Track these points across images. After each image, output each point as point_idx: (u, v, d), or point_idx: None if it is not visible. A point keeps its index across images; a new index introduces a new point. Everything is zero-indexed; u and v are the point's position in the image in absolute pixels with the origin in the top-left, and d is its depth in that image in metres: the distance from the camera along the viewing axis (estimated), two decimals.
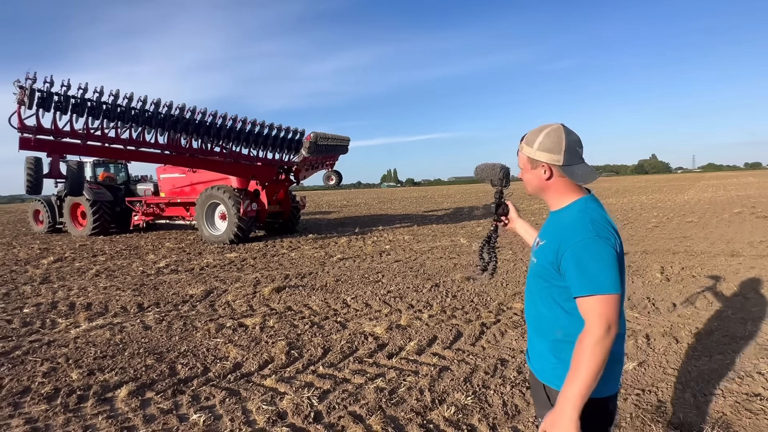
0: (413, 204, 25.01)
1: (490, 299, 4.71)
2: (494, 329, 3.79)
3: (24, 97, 6.40)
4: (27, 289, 5.84)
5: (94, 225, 11.81)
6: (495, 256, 1.66)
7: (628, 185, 37.99)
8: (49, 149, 7.07)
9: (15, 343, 3.78)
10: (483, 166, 1.61)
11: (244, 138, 9.06)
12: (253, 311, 4.58)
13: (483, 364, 3.10)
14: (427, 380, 2.88)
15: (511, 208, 1.63)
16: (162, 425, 2.44)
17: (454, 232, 10.74)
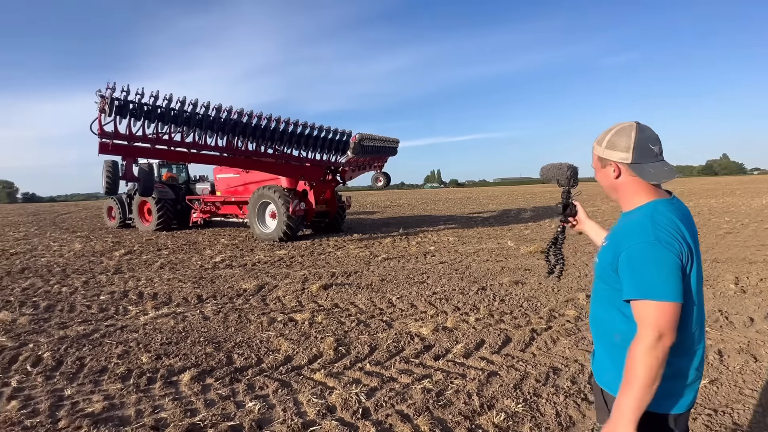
0: (457, 205, 24.64)
1: (541, 305, 4.54)
2: (545, 336, 3.65)
3: (105, 105, 6.95)
4: (102, 278, 6.44)
5: (158, 221, 12.77)
6: (562, 258, 1.64)
7: (695, 187, 34.94)
8: (124, 153, 7.69)
9: (94, 326, 4.19)
10: (549, 166, 1.59)
11: (295, 140, 9.38)
12: (302, 307, 4.73)
13: (534, 372, 3.00)
14: (475, 384, 2.83)
15: (580, 209, 1.58)
16: (221, 410, 2.59)
17: (500, 235, 10.45)
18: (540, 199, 27.29)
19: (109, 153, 7.46)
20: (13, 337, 3.89)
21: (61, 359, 3.37)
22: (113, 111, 7.00)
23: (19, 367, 3.27)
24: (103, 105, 6.99)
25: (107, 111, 6.98)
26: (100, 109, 7.05)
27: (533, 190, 50.47)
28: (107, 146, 7.33)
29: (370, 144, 11.34)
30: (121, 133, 7.37)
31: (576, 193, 1.58)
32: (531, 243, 8.83)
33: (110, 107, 6.92)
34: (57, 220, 20.01)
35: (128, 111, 7.20)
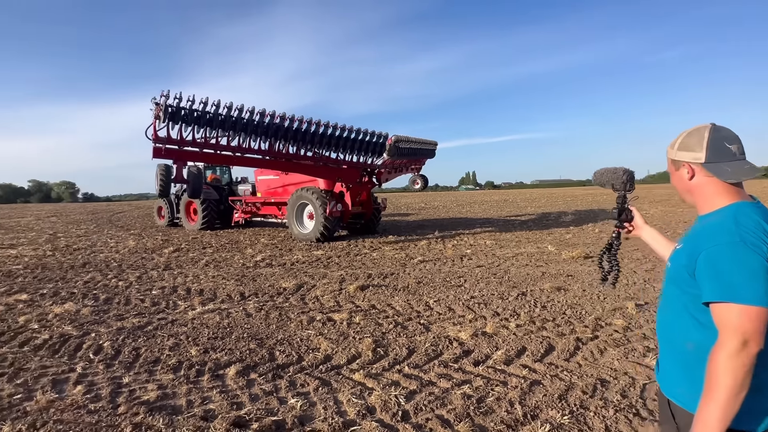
0: (494, 208, 24.10)
1: (586, 313, 4.35)
2: (591, 346, 3.49)
3: (159, 112, 7.35)
4: (154, 274, 6.84)
5: (203, 221, 13.40)
6: (617, 264, 1.60)
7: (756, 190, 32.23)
8: (175, 157, 8.11)
9: (147, 319, 4.45)
10: (603, 170, 1.57)
11: (333, 142, 9.52)
12: (340, 307, 4.80)
13: (580, 383, 2.87)
14: (517, 392, 2.76)
15: (636, 215, 1.54)
16: (265, 405, 2.68)
17: (540, 239, 10.12)
18: (581, 202, 26.18)
19: (161, 157, 7.88)
20: (77, 327, 4.22)
21: (119, 349, 3.61)
22: (167, 117, 7.36)
23: (83, 354, 3.53)
24: (157, 112, 7.37)
25: (161, 117, 7.35)
26: (155, 115, 7.44)
27: (574, 193, 48.49)
28: (160, 151, 7.73)
29: (406, 146, 11.32)
30: (172, 138, 7.76)
31: (632, 198, 1.53)
32: (573, 248, 8.48)
33: (164, 114, 7.28)
34: (113, 218, 21.48)
35: (180, 117, 7.54)
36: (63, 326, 4.23)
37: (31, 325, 4.31)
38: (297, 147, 9.17)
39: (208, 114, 7.76)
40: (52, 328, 4.17)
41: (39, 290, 5.85)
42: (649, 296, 4.96)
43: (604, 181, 1.56)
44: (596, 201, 27.24)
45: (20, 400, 2.77)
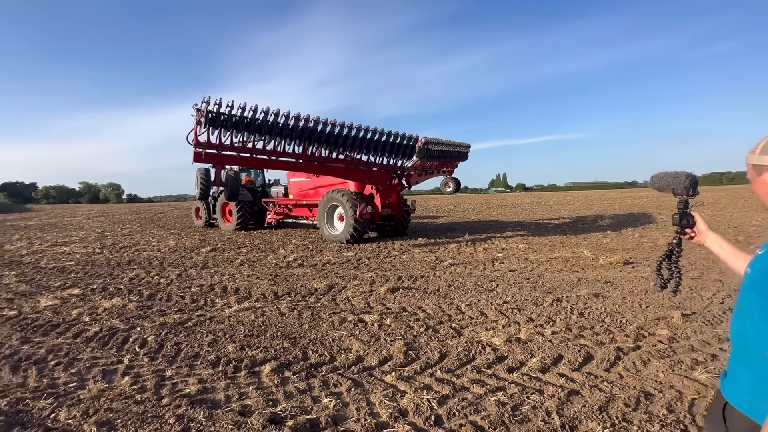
0: (525, 210, 23.51)
1: (626, 322, 4.16)
2: (633, 356, 3.34)
3: (201, 118, 7.63)
4: (192, 272, 7.13)
5: (237, 221, 13.85)
6: (678, 272, 1.57)
7: None
8: (215, 161, 8.40)
9: (187, 315, 4.65)
10: (663, 174, 1.54)
11: (365, 145, 9.58)
12: (371, 309, 4.83)
13: (622, 395, 2.75)
14: (554, 402, 2.67)
15: (699, 220, 1.50)
16: (299, 403, 2.73)
17: (575, 243, 9.78)
18: (620, 206, 25.09)
19: (201, 161, 8.18)
20: (124, 321, 4.46)
21: (162, 343, 3.79)
22: (207, 123, 7.60)
23: (130, 347, 3.73)
24: (199, 117, 7.64)
25: (202, 123, 7.60)
26: (196, 121, 7.71)
27: (611, 196, 46.54)
28: (201, 155, 8.02)
29: (437, 148, 11.25)
30: (212, 143, 8.02)
31: (694, 204, 1.47)
32: (611, 253, 8.14)
33: (205, 119, 7.53)
34: (154, 218, 22.59)
35: (219, 122, 7.77)
36: (111, 320, 4.49)
37: (83, 318, 4.60)
38: (329, 150, 9.28)
39: (245, 119, 7.96)
40: (101, 322, 4.43)
41: (89, 285, 6.23)
42: (696, 306, 4.68)
43: (664, 185, 1.53)
44: (636, 204, 26.02)
45: (74, 388, 2.96)
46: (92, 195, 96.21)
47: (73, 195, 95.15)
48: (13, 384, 3.03)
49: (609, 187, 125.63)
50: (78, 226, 18.16)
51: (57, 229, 16.76)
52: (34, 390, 2.92)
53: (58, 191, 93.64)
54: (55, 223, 19.86)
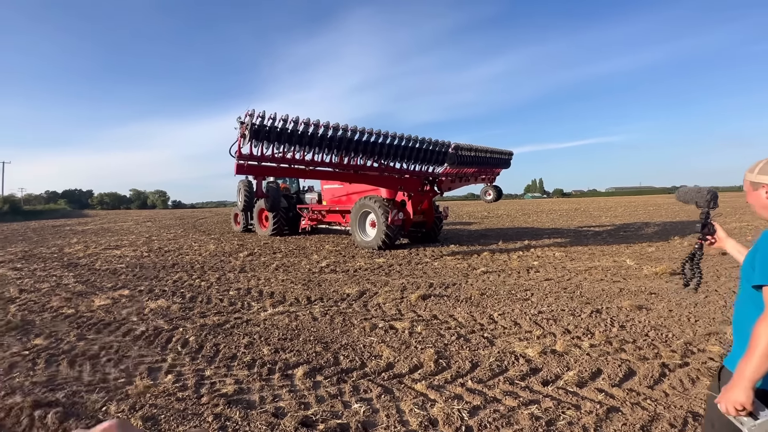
0: (563, 217, 22.69)
1: (673, 336, 3.92)
2: (680, 373, 3.14)
3: (245, 130, 7.72)
4: (231, 276, 7.42)
5: (273, 227, 14.28)
6: (699, 272, 1.83)
7: None
8: (256, 173, 8.51)
9: (225, 318, 4.84)
10: (687, 189, 1.84)
11: (399, 153, 9.52)
12: (402, 316, 4.83)
13: (667, 414, 2.60)
14: (591, 418, 2.57)
15: (719, 229, 1.76)
16: (330, 407, 2.78)
17: (617, 252, 9.33)
18: (666, 212, 23.69)
19: (244, 173, 8.32)
20: (167, 321, 4.71)
21: (202, 344, 3.97)
22: (251, 136, 7.68)
23: (173, 347, 3.94)
24: (243, 130, 7.76)
25: (247, 135, 7.69)
26: (240, 134, 7.83)
27: (656, 201, 44.07)
28: (242, 167, 8.14)
29: (469, 154, 11.08)
30: (254, 155, 8.14)
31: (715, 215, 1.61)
32: (657, 263, 7.71)
33: (249, 132, 7.64)
34: (196, 224, 23.72)
35: (263, 135, 7.84)
36: (156, 320, 4.76)
37: (132, 317, 4.90)
38: (364, 158, 9.31)
39: (286, 130, 8.02)
40: (147, 322, 4.70)
41: (137, 287, 6.63)
42: None
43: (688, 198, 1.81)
44: (684, 211, 24.47)
45: (123, 383, 3.17)
46: (141, 201, 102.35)
47: (124, 201, 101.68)
48: (70, 377, 3.28)
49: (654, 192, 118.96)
50: (128, 230, 19.38)
51: (110, 233, 17.97)
52: (88, 384, 3.15)
53: (111, 198, 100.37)
54: (108, 228, 21.30)
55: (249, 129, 7.57)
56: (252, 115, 7.60)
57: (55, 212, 47.49)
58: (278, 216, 14.17)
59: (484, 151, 11.21)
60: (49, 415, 2.66)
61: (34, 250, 11.86)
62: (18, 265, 9.22)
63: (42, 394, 2.96)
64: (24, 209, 43.72)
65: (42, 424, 2.59)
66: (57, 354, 3.77)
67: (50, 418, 2.63)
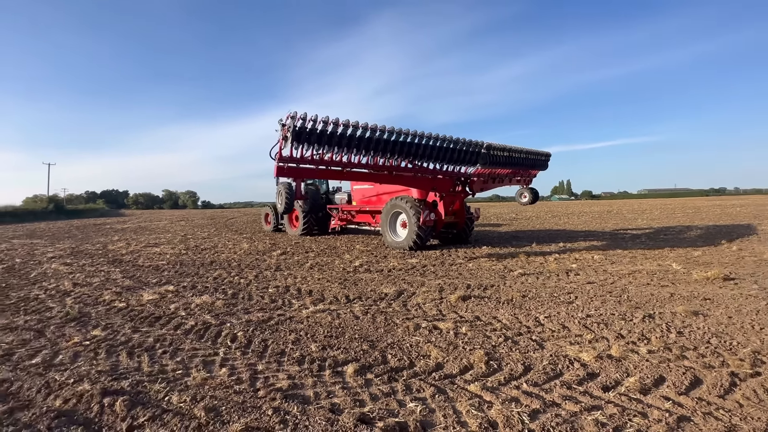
0: (596, 219, 21.98)
1: (738, 344, 3.70)
2: (752, 383, 2.96)
3: (287, 133, 7.69)
4: (267, 274, 7.56)
5: (303, 227, 14.49)
6: None
7: None
8: (295, 175, 8.55)
9: (269, 314, 4.93)
10: None
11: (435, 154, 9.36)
12: (443, 316, 4.78)
13: (745, 426, 2.45)
14: (661, 427, 2.45)
15: None
16: (385, 405, 2.77)
17: (660, 255, 8.94)
18: (708, 215, 22.55)
19: (284, 175, 8.36)
20: (214, 316, 4.84)
21: (250, 339, 4.05)
22: (294, 138, 7.63)
23: (222, 341, 4.04)
24: (284, 133, 7.73)
25: (289, 138, 7.64)
26: (282, 136, 7.81)
27: (695, 204, 42.09)
28: (283, 169, 8.18)
29: (501, 154, 10.87)
30: (294, 157, 8.13)
31: None
32: (706, 267, 7.34)
33: (292, 134, 7.59)
34: (227, 223, 24.37)
35: (304, 137, 7.79)
36: (203, 315, 4.90)
37: (180, 312, 5.06)
38: (399, 159, 9.23)
39: (326, 132, 7.94)
40: (195, 316, 4.84)
41: (180, 283, 6.85)
42: None
43: None
44: (727, 214, 23.24)
45: (181, 375, 3.26)
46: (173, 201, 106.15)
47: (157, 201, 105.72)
48: (131, 367, 3.41)
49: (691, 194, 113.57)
50: (164, 229, 20.11)
51: (147, 231, 18.69)
52: (148, 374, 3.26)
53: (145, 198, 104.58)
54: (145, 227, 22.18)
55: (291, 131, 7.56)
56: (294, 117, 7.58)
57: (95, 211, 49.93)
58: (308, 216, 14.36)
59: (518, 151, 10.97)
60: (117, 402, 2.77)
61: (80, 247, 12.48)
62: (68, 260, 9.71)
63: (108, 382, 3.09)
64: (67, 208, 46.11)
65: (111, 411, 2.70)
66: (115, 345, 3.93)
67: (118, 406, 2.73)
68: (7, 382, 3.14)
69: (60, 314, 5.02)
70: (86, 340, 4.07)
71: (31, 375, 3.26)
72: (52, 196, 52.71)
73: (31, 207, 41.10)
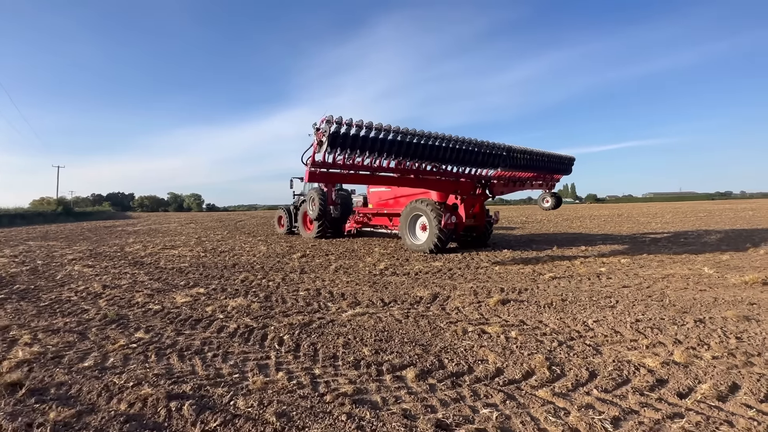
0: (609, 223, 21.83)
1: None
2: None
3: (323, 137, 7.40)
4: (294, 277, 7.50)
5: (318, 229, 14.44)
6: None
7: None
8: (325, 180, 8.33)
9: (309, 318, 4.86)
10: None
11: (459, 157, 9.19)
12: (487, 320, 4.70)
13: None
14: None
15: None
16: (458, 411, 2.70)
17: (688, 259, 8.83)
18: (723, 219, 22.34)
19: (316, 180, 8.17)
20: (254, 319, 4.78)
21: (298, 343, 3.99)
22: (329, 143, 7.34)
23: (270, 344, 3.98)
24: (320, 137, 7.43)
25: (325, 142, 7.35)
26: (317, 141, 7.51)
27: (705, 207, 41.79)
28: (315, 174, 7.95)
29: (522, 157, 10.78)
30: (327, 162, 7.91)
31: None
32: (740, 271, 7.23)
33: (328, 139, 7.32)
34: (238, 225, 24.38)
35: (339, 142, 7.53)
36: (242, 318, 4.84)
37: (218, 315, 5.01)
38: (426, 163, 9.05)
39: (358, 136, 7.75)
40: (235, 319, 4.79)
41: (209, 285, 6.81)
42: None
43: None
44: (741, 217, 23.03)
45: (238, 378, 3.20)
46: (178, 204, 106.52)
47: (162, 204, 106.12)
48: (186, 371, 3.35)
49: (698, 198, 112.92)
50: (176, 232, 20.12)
51: (160, 234, 18.71)
52: (206, 378, 3.21)
53: (150, 201, 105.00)
54: (156, 229, 22.21)
55: (327, 136, 7.32)
56: (330, 121, 7.35)
57: (102, 213, 50.16)
58: (323, 219, 14.30)
59: (539, 155, 10.89)
60: (185, 407, 2.71)
61: (98, 249, 12.48)
62: (89, 262, 9.70)
63: (168, 386, 3.03)
64: (75, 211, 46.33)
65: (179, 416, 2.64)
66: (163, 348, 3.88)
67: (186, 410, 2.68)
68: (65, 385, 3.10)
69: (98, 316, 4.98)
70: (132, 342, 4.02)
71: (88, 378, 3.21)
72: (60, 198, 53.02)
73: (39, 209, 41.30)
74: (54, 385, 3.08)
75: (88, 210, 52.26)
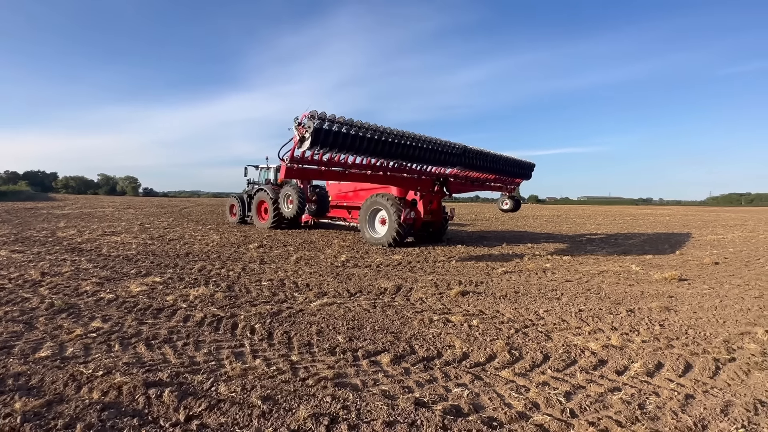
0: (550, 223, 23.53)
1: (710, 335, 4.29)
2: (732, 367, 3.48)
3: (305, 133, 7.12)
4: (255, 267, 7.39)
5: (273, 220, 14.17)
6: None
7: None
8: (301, 176, 8.18)
9: (277, 307, 4.88)
10: None
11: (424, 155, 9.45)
12: (450, 310, 5.02)
13: (737, 401, 2.91)
14: (675, 403, 2.84)
15: None
16: (433, 390, 2.93)
17: (618, 258, 9.87)
18: (644, 223, 24.95)
19: (292, 177, 7.99)
20: (221, 309, 4.72)
21: (270, 331, 4.03)
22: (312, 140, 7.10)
23: (241, 333, 3.97)
24: (302, 133, 7.16)
25: (307, 139, 7.09)
26: (300, 136, 7.25)
27: (630, 212, 46.17)
28: (292, 170, 7.76)
29: (476, 157, 11.26)
30: (305, 158, 7.73)
31: None
32: (660, 269, 8.24)
33: (311, 135, 7.08)
34: (183, 212, 23.07)
35: (322, 139, 7.33)
36: (208, 307, 4.75)
37: (180, 304, 4.86)
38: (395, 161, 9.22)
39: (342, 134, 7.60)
40: (200, 308, 4.69)
41: (163, 274, 6.52)
42: None
43: None
44: (660, 222, 25.88)
45: (216, 366, 3.20)
46: (110, 187, 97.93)
47: (91, 186, 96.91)
48: (157, 359, 3.28)
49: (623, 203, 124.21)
50: (113, 217, 18.66)
51: (95, 218, 17.26)
52: (180, 365, 3.17)
53: (77, 182, 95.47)
54: (89, 213, 20.42)
55: (311, 132, 7.08)
56: (314, 117, 7.13)
57: (19, 194, 44.88)
58: (278, 209, 14.05)
59: (499, 159, 11.47)
60: (165, 393, 2.69)
61: (23, 233, 11.34)
62: (16, 247, 8.82)
63: (142, 374, 2.97)
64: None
65: (160, 402, 2.62)
66: (126, 337, 3.74)
67: (167, 397, 2.66)
68: (24, 375, 2.92)
69: (42, 305, 4.63)
70: (90, 332, 3.83)
71: (49, 368, 3.04)
72: None
73: None
74: (11, 376, 2.89)
75: (3, 189, 46.51)
